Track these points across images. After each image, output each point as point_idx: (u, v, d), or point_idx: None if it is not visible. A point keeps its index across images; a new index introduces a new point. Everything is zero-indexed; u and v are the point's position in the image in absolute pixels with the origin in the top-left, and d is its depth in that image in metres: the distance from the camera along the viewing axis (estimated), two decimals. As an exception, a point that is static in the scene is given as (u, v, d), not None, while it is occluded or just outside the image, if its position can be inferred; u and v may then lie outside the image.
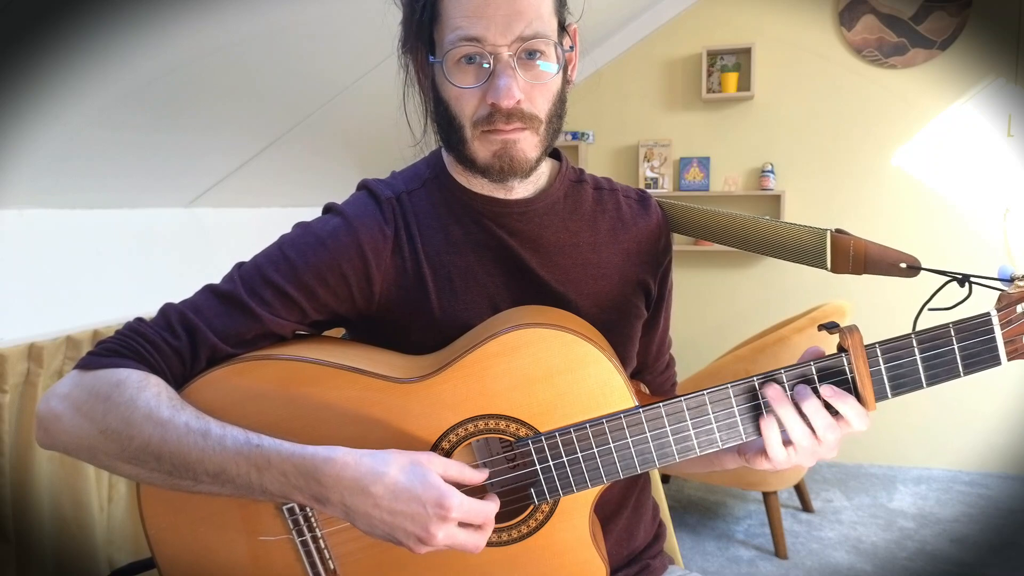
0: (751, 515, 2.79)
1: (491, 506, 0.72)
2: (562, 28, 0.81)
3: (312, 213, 0.86)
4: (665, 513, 1.13)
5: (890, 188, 3.17)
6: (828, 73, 3.19)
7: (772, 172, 3.26)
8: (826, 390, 0.73)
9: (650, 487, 1.01)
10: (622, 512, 0.93)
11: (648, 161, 3.45)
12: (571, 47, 0.83)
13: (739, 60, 3.29)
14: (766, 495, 2.47)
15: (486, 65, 0.76)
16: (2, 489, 1.49)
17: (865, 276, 0.85)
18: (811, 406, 0.73)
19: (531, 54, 0.76)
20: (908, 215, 3.16)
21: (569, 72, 0.84)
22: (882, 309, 2.86)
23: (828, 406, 0.74)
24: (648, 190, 3.64)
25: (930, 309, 0.78)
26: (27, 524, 1.51)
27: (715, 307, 3.45)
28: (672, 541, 1.14)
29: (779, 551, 2.45)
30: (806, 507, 2.81)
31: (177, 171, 1.92)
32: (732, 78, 3.26)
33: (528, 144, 0.80)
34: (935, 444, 3.19)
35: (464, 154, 0.81)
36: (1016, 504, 2.84)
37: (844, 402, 0.73)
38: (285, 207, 2.58)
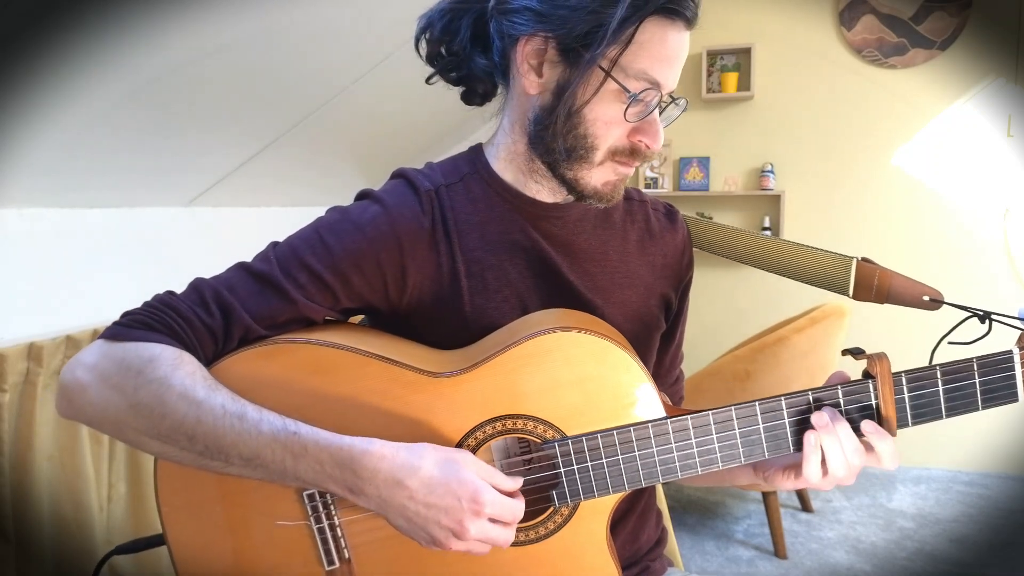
0: (750, 515, 2.79)
1: (520, 504, 0.73)
2: None
3: (312, 213, 0.86)
4: (665, 516, 1.13)
5: (890, 188, 3.18)
6: (828, 73, 3.19)
7: (772, 172, 3.26)
8: (867, 426, 0.75)
9: (655, 492, 1.01)
10: (630, 516, 0.94)
11: (648, 161, 3.45)
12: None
13: (739, 60, 3.29)
14: (765, 495, 2.47)
15: (645, 103, 0.76)
16: (2, 489, 1.49)
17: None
18: (843, 430, 0.74)
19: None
20: (908, 215, 3.16)
21: None
22: (880, 313, 2.86)
23: (860, 434, 0.75)
24: (648, 190, 3.63)
25: (949, 343, 0.80)
26: (27, 524, 1.51)
27: (715, 307, 3.45)
28: (671, 542, 1.15)
29: (778, 551, 2.46)
30: (805, 507, 2.81)
31: (177, 171, 1.92)
32: (732, 78, 3.26)
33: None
34: (934, 444, 3.19)
35: (574, 173, 0.80)
36: (1015, 504, 2.84)
37: (882, 440, 0.74)
38: (285, 207, 2.58)
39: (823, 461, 0.75)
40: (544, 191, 0.85)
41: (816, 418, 0.74)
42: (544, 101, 0.78)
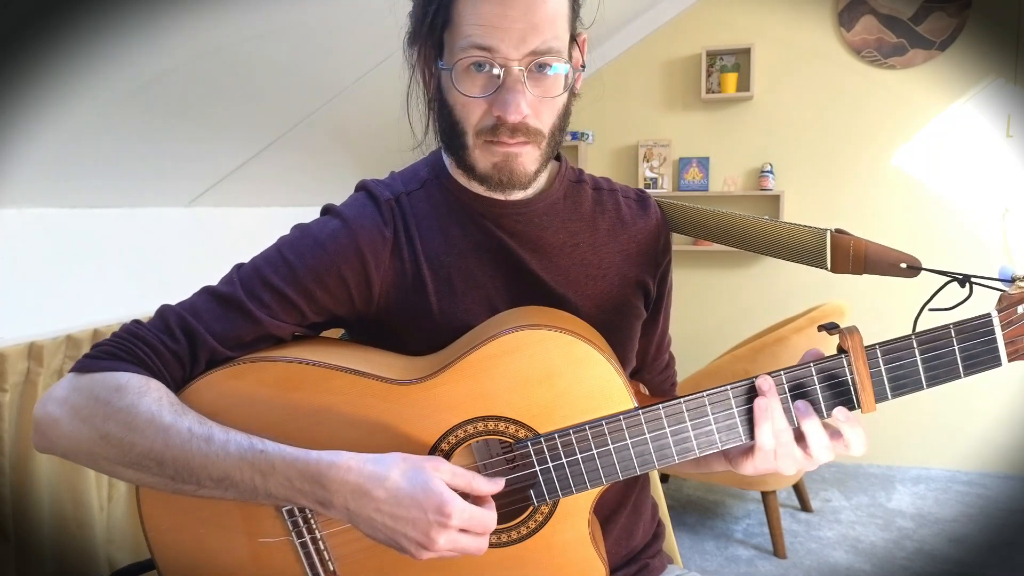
0: (750, 514, 2.79)
1: (491, 514, 0.72)
2: (572, 40, 0.80)
3: (312, 213, 0.86)
4: (664, 512, 1.13)
5: (889, 188, 3.18)
6: (827, 73, 3.19)
7: (771, 172, 3.26)
8: (840, 414, 0.74)
9: (649, 486, 1.01)
10: (621, 511, 0.93)
11: (647, 161, 3.45)
12: (583, 66, 0.83)
13: (738, 60, 3.30)
14: (765, 495, 2.47)
15: (496, 72, 0.75)
16: (2, 489, 1.49)
17: (864, 277, 0.85)
18: (810, 425, 0.74)
19: (541, 67, 0.76)
20: (907, 215, 3.16)
21: (575, 87, 0.84)
22: (881, 310, 2.86)
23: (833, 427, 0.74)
24: (648, 190, 3.65)
25: (930, 309, 0.78)
26: (27, 524, 1.52)
27: (714, 307, 3.45)
28: (671, 540, 1.14)
29: (778, 551, 2.46)
30: (805, 507, 2.81)
31: (177, 171, 1.92)
32: (731, 78, 3.26)
33: (529, 158, 0.80)
34: (934, 444, 3.19)
35: (464, 160, 0.81)
36: (1015, 504, 2.85)
37: (853, 429, 0.74)
38: (285, 207, 2.58)
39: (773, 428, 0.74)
40: (476, 184, 0.85)
41: (760, 382, 0.74)
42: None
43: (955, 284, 0.80)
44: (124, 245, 1.87)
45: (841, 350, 0.75)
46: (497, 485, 0.74)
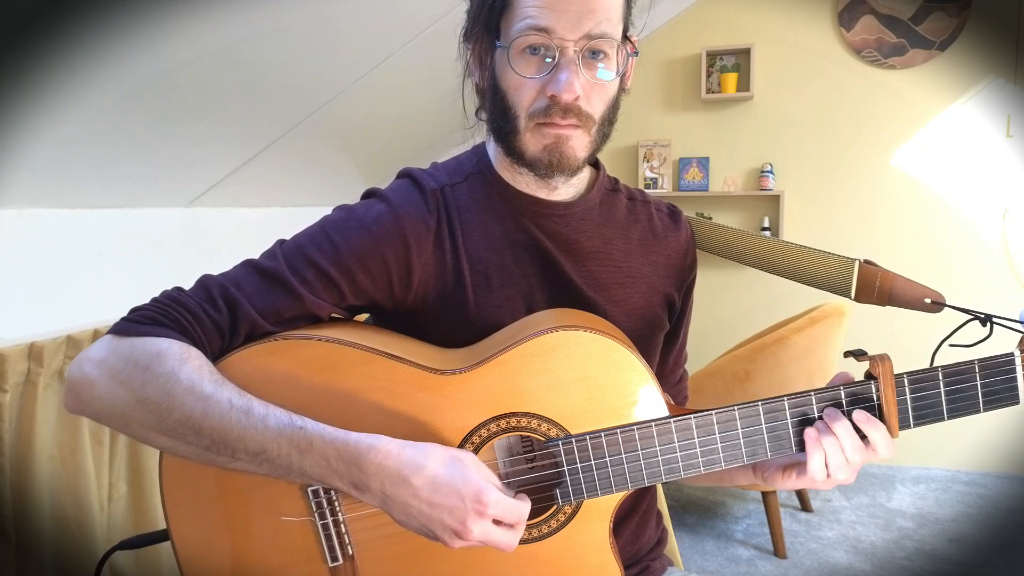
0: (750, 515, 2.79)
1: (525, 506, 0.72)
2: (625, 36, 0.82)
3: (312, 213, 0.86)
4: (665, 515, 1.14)
5: (889, 188, 3.18)
6: (827, 73, 3.19)
7: (771, 172, 3.26)
8: (859, 415, 0.75)
9: (656, 494, 1.02)
10: (632, 517, 0.94)
11: (647, 161, 3.45)
12: (635, 53, 0.84)
13: (738, 60, 3.30)
14: (765, 495, 2.47)
15: (549, 59, 0.76)
16: (2, 489, 1.49)
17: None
18: (842, 427, 0.75)
19: (595, 54, 0.77)
20: (907, 215, 3.16)
21: (626, 80, 0.85)
22: (878, 316, 2.86)
23: (857, 429, 0.75)
24: (648, 190, 3.64)
25: (951, 345, 0.80)
26: (27, 524, 1.51)
27: (714, 307, 3.45)
28: (671, 541, 1.15)
29: (778, 551, 2.46)
30: (805, 507, 2.82)
31: (177, 171, 1.92)
32: (731, 78, 3.26)
33: (579, 143, 0.80)
34: (934, 444, 3.19)
35: (514, 145, 0.81)
36: (1015, 504, 2.85)
37: (875, 428, 0.75)
38: (285, 207, 2.58)
39: (825, 459, 0.75)
40: (527, 180, 0.86)
41: (828, 413, 0.75)
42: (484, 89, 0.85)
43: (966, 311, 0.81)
44: (124, 245, 1.87)
45: (869, 376, 0.77)
46: (524, 505, 0.73)
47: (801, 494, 2.82)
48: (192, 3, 1.30)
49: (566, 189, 0.88)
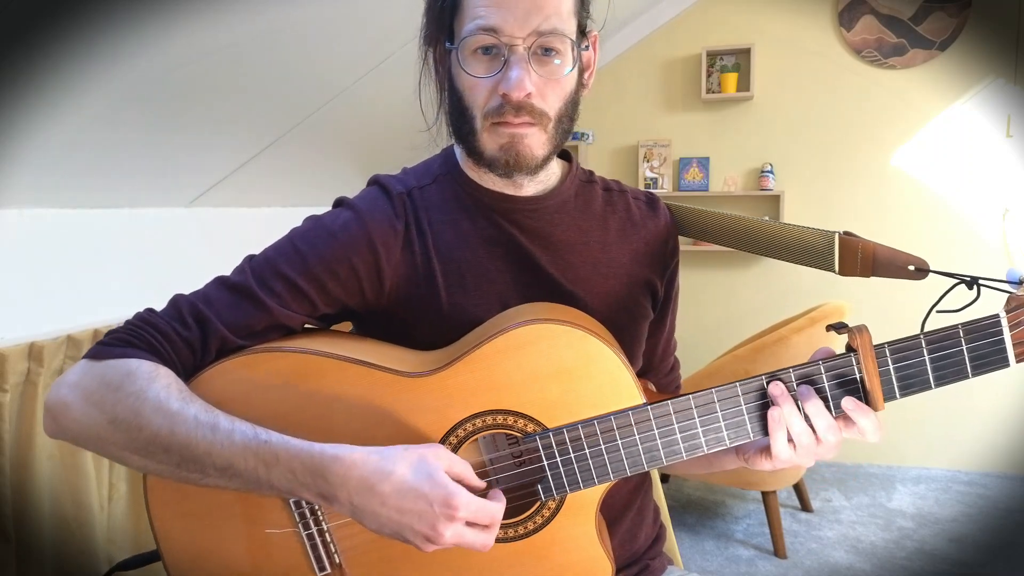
0: (750, 514, 2.79)
1: (498, 506, 0.72)
2: (582, 32, 0.82)
3: (313, 212, 0.86)
4: (665, 515, 1.13)
5: (889, 188, 3.18)
6: (828, 73, 3.19)
7: (771, 172, 3.26)
8: (848, 403, 0.74)
9: (652, 490, 1.01)
10: (627, 514, 0.94)
11: (648, 161, 3.45)
12: (586, 47, 0.83)
13: (739, 60, 3.30)
14: (765, 495, 2.47)
15: (502, 58, 0.76)
16: (2, 489, 1.49)
17: (867, 279, 0.86)
18: (813, 407, 0.74)
19: (547, 51, 0.77)
20: (907, 215, 3.16)
21: (586, 78, 0.85)
22: (883, 310, 2.86)
23: (844, 416, 0.74)
24: (648, 190, 3.64)
25: (938, 311, 0.79)
26: (27, 524, 1.51)
27: (714, 307, 3.45)
28: (671, 540, 1.15)
29: (778, 551, 2.46)
30: (805, 507, 2.81)
31: (177, 171, 1.92)
32: (732, 78, 3.26)
33: (535, 140, 0.80)
34: (934, 444, 3.19)
35: (473, 146, 0.82)
36: (1015, 504, 2.84)
37: (863, 415, 0.74)
38: (285, 207, 2.58)
39: (790, 436, 0.74)
40: (493, 178, 0.86)
41: (773, 387, 0.74)
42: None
43: (962, 286, 0.80)
44: (124, 245, 1.87)
45: (850, 349, 0.75)
46: (482, 484, 0.74)
47: (801, 494, 2.82)
48: (192, 3, 1.30)
49: (533, 185, 0.87)
